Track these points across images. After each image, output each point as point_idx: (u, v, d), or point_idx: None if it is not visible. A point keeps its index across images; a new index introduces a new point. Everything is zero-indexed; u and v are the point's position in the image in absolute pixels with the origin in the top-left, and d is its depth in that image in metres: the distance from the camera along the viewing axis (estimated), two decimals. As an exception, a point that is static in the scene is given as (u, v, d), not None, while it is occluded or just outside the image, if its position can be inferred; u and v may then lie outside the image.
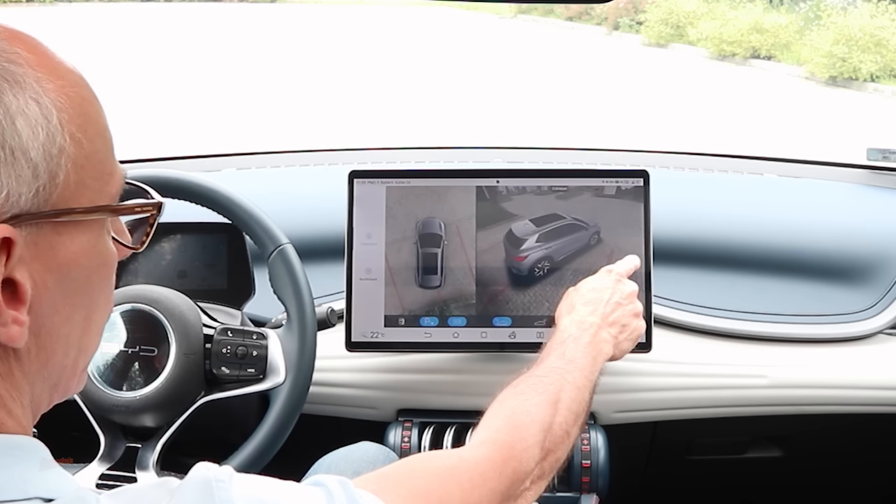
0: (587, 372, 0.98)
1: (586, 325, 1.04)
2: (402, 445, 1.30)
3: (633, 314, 1.11)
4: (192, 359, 1.13)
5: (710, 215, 1.60)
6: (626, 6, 13.25)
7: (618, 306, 1.09)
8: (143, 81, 8.95)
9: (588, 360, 0.99)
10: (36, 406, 0.60)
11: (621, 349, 1.08)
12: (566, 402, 0.92)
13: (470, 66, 10.69)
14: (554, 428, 0.89)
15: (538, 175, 1.34)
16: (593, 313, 1.06)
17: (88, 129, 0.58)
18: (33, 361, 0.58)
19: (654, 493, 1.64)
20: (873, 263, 1.47)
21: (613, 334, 1.06)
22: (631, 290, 1.13)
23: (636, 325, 1.11)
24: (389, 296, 1.30)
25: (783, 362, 1.36)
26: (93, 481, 1.12)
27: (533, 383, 0.93)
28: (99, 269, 0.61)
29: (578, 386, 0.95)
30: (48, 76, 0.56)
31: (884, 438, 1.50)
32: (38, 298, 0.56)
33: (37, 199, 0.54)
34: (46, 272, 0.56)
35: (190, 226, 1.34)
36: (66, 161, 0.56)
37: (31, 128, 0.54)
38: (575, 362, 0.98)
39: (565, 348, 1.00)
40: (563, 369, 0.96)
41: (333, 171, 1.71)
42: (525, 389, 0.92)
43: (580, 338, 1.02)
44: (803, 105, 8.70)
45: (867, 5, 10.38)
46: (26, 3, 15.76)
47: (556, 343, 1.02)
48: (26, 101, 0.54)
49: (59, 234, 0.56)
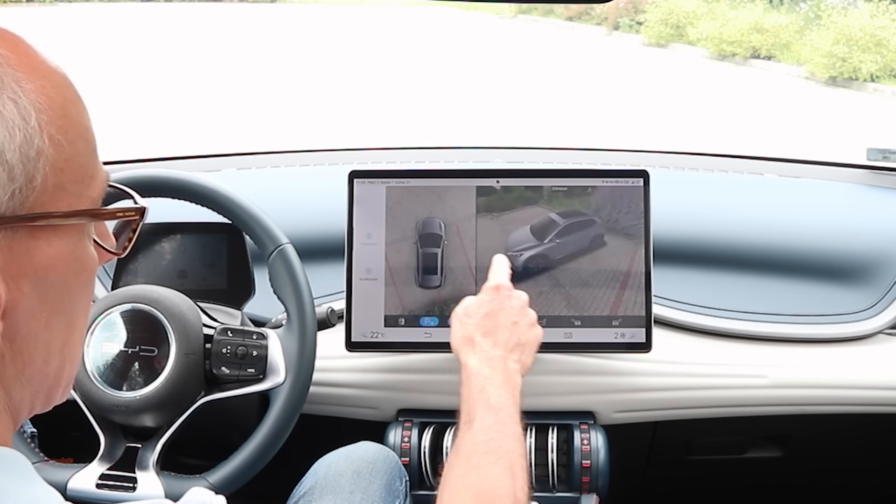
0: (515, 416, 0.98)
1: (494, 360, 1.03)
2: (402, 445, 1.30)
3: (528, 326, 1.10)
4: (192, 359, 1.13)
5: (710, 215, 1.60)
6: (626, 6, 13.24)
7: (514, 326, 1.08)
8: (143, 81, 8.95)
9: (511, 401, 0.99)
10: (15, 412, 0.59)
11: (526, 366, 1.08)
12: (519, 463, 0.92)
13: (470, 66, 10.68)
14: (517, 494, 0.90)
15: (538, 175, 1.34)
16: (495, 345, 1.05)
17: (69, 130, 0.56)
18: (8, 367, 0.56)
19: (654, 494, 1.64)
20: (873, 263, 1.47)
21: (517, 359, 1.06)
22: (521, 303, 1.12)
23: (535, 335, 1.10)
24: (389, 296, 1.30)
25: (783, 362, 1.36)
26: (93, 481, 1.12)
27: (483, 452, 0.93)
28: (78, 275, 0.59)
29: (518, 438, 0.95)
30: (28, 76, 0.54)
31: (884, 438, 1.50)
32: (13, 304, 0.54)
33: (12, 203, 0.53)
34: (21, 277, 0.54)
35: (190, 226, 1.34)
36: (45, 164, 0.54)
37: (7, 129, 0.52)
38: (503, 410, 0.97)
39: (487, 395, 0.99)
40: (500, 423, 0.96)
41: (333, 171, 1.71)
42: (480, 462, 0.91)
43: (493, 377, 1.01)
44: (803, 105, 8.70)
45: (867, 5, 10.38)
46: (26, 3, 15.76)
47: (476, 390, 1.00)
48: (3, 102, 0.53)
49: (36, 239, 0.55)
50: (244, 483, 1.14)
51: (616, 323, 1.29)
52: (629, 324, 1.28)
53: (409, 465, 1.28)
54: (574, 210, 1.30)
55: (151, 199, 0.67)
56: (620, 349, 1.30)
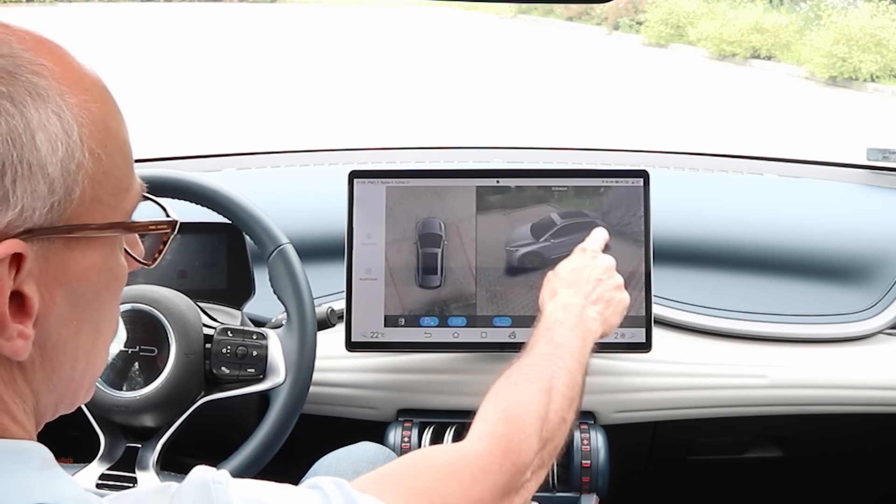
0: (577, 354, 0.98)
1: (571, 307, 1.04)
2: (402, 445, 1.30)
3: (615, 287, 1.11)
4: (192, 359, 1.13)
5: (710, 215, 1.60)
6: (626, 6, 13.25)
7: (599, 283, 1.09)
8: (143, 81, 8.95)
9: (577, 342, 0.99)
10: (40, 415, 0.59)
11: (610, 324, 1.08)
12: (560, 389, 0.92)
13: (470, 65, 10.69)
14: (550, 416, 0.89)
15: (538, 175, 1.34)
16: (576, 294, 1.06)
17: (109, 144, 0.57)
18: (38, 372, 0.57)
19: (654, 493, 1.64)
20: (873, 263, 1.47)
21: (599, 311, 1.06)
22: (608, 264, 1.13)
23: (620, 297, 1.11)
24: (389, 296, 1.30)
25: (783, 362, 1.36)
26: (93, 481, 1.12)
27: (525, 373, 0.93)
28: (109, 284, 0.60)
29: (570, 370, 0.95)
30: (72, 89, 0.55)
31: (884, 438, 1.50)
32: (46, 312, 0.55)
33: (51, 215, 0.53)
34: (56, 286, 0.55)
35: (190, 226, 1.34)
36: (84, 177, 0.55)
37: (50, 143, 0.53)
38: (564, 346, 0.98)
39: (553, 333, 0.99)
40: (554, 355, 0.96)
41: (333, 171, 1.71)
42: (518, 380, 0.92)
43: (566, 320, 1.02)
44: (803, 105, 8.70)
45: (867, 5, 10.38)
46: (26, 3, 15.76)
47: (544, 329, 1.01)
48: (48, 116, 0.53)
49: (71, 250, 0.55)
50: (244, 483, 1.13)
51: (616, 323, 1.29)
52: (629, 324, 1.28)
53: (409, 465, 1.28)
54: (574, 210, 1.30)
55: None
56: (620, 349, 1.30)
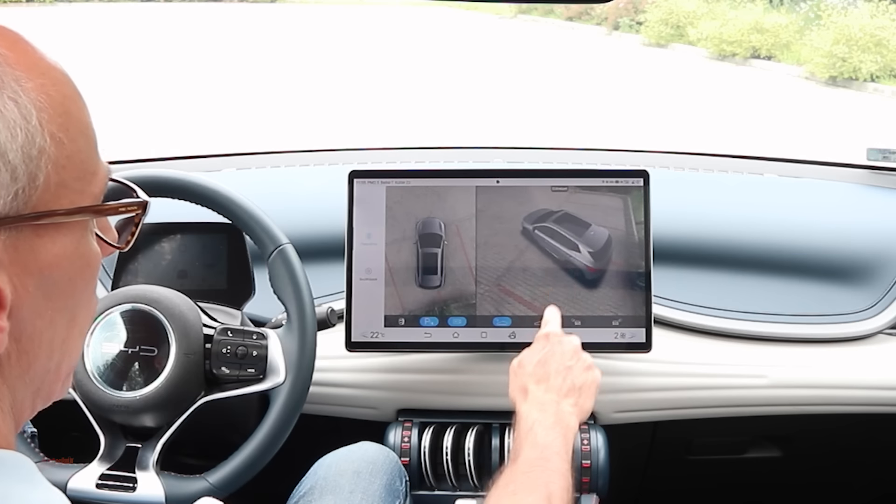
0: (563, 454, 0.98)
1: (546, 404, 1.03)
2: (402, 445, 1.30)
3: (584, 369, 1.10)
4: (192, 359, 1.13)
5: (711, 215, 1.60)
6: (626, 6, 13.24)
7: (568, 371, 1.08)
8: (143, 81, 8.95)
9: (560, 441, 0.99)
10: (18, 413, 0.58)
11: (584, 410, 1.07)
12: (558, 493, 0.92)
13: (470, 66, 10.68)
14: None
15: (538, 175, 1.34)
16: (548, 390, 1.05)
17: (70, 128, 0.55)
18: (14, 367, 0.56)
19: (654, 494, 1.64)
20: (873, 263, 1.47)
21: (573, 403, 1.05)
22: (573, 347, 1.12)
23: (592, 378, 1.10)
24: (389, 296, 1.30)
25: (783, 362, 1.36)
26: (93, 481, 1.12)
27: (522, 482, 0.93)
28: (82, 271, 0.59)
29: (561, 472, 0.95)
30: (27, 74, 0.54)
31: (884, 438, 1.50)
32: (19, 303, 0.54)
33: (16, 203, 0.52)
34: (27, 276, 0.54)
35: (190, 226, 1.34)
36: (47, 162, 0.53)
37: (9, 129, 0.52)
38: (549, 447, 0.97)
39: (535, 435, 0.99)
40: (542, 458, 0.96)
41: (333, 171, 1.71)
42: (517, 489, 0.92)
43: (544, 420, 1.01)
44: (803, 105, 8.70)
45: (867, 5, 10.37)
46: (26, 3, 15.76)
47: (525, 431, 1.00)
48: (4, 102, 0.52)
49: (40, 237, 0.54)
50: (244, 483, 1.14)
51: (616, 323, 1.29)
52: (629, 324, 1.28)
53: (409, 465, 1.28)
54: (574, 210, 1.30)
55: (151, 199, 0.67)
56: (620, 349, 1.30)
